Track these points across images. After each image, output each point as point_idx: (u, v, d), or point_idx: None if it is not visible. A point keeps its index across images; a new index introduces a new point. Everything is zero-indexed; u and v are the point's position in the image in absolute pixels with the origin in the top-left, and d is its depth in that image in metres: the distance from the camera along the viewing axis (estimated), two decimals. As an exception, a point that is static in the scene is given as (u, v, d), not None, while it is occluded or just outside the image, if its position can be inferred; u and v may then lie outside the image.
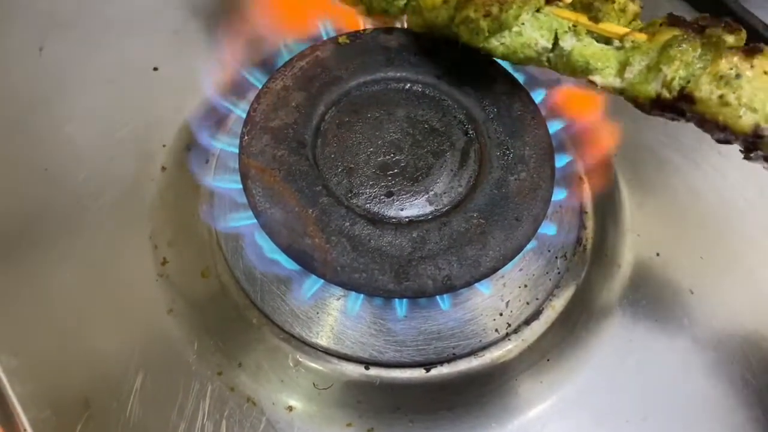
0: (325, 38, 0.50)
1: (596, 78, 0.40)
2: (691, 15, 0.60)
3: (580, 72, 0.41)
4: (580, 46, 0.41)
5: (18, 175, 0.51)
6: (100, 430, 0.42)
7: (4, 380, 0.44)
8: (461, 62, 0.47)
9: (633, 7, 0.41)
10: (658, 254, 0.49)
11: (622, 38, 0.40)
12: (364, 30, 0.48)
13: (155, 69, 0.56)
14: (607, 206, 0.50)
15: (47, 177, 0.51)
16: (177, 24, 0.58)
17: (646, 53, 0.38)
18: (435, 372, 0.44)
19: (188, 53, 0.56)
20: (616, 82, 0.39)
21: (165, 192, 0.50)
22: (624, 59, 0.39)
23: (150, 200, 0.50)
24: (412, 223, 0.41)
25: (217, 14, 0.58)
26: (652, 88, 0.37)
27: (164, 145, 0.52)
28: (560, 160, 0.46)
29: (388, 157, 0.44)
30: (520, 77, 0.48)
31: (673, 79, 0.37)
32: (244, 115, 0.45)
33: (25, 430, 0.42)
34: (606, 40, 0.41)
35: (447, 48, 0.48)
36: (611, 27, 0.40)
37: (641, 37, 0.39)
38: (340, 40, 0.48)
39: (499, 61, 0.46)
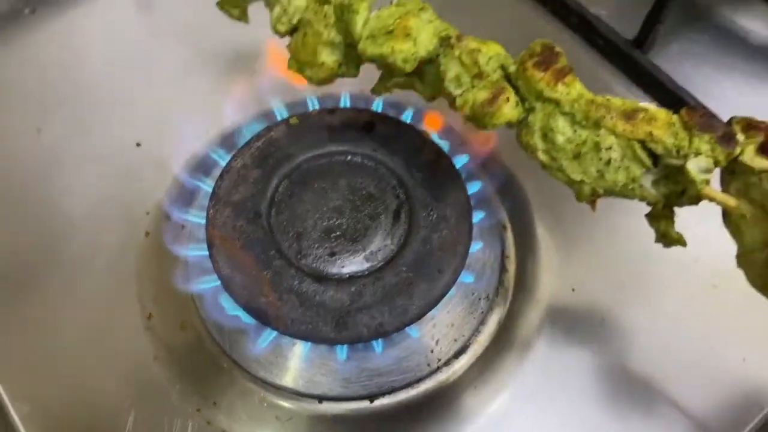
0: (278, 118, 0.58)
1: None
2: (611, 71, 0.69)
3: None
4: None
5: (20, 245, 0.59)
6: (99, 464, 0.51)
7: (19, 425, 0.52)
8: (394, 135, 0.55)
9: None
10: (573, 289, 0.57)
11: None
12: (312, 111, 0.57)
13: (138, 144, 0.64)
14: (527, 248, 0.58)
15: (46, 246, 0.59)
16: (156, 102, 0.66)
17: None
18: (378, 403, 0.51)
19: (167, 129, 0.64)
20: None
21: (148, 255, 0.58)
22: None
23: (136, 263, 0.58)
24: (352, 278, 0.49)
25: (192, 94, 0.67)
26: None
27: (147, 213, 0.60)
28: (477, 216, 0.54)
29: (331, 221, 0.52)
30: (445, 145, 0.56)
31: None
32: (208, 189, 0.53)
33: (36, 466, 0.51)
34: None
35: (382, 125, 0.56)
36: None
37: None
38: (291, 121, 0.56)
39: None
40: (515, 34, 0.72)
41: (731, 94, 0.68)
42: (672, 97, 0.66)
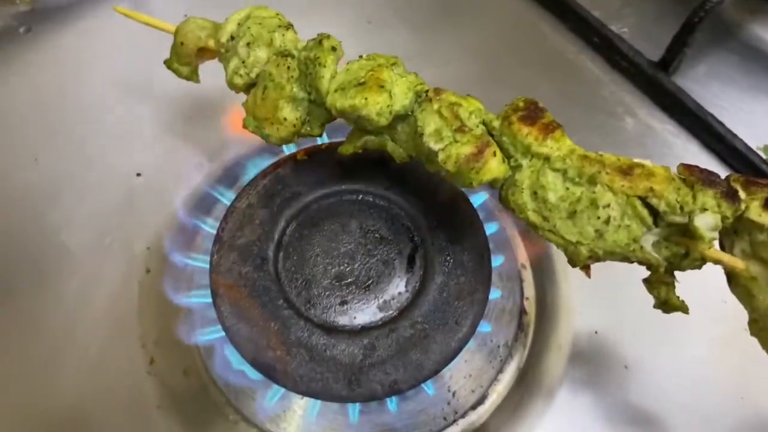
0: (285, 152, 0.55)
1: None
2: (633, 93, 0.66)
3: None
4: None
5: (17, 280, 0.57)
6: None
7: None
8: (407, 172, 0.52)
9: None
10: (596, 332, 0.54)
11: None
12: (321, 145, 0.54)
13: (138, 175, 0.61)
14: (547, 291, 0.55)
15: (45, 281, 0.57)
16: (157, 131, 0.63)
17: None
18: (391, 457, 0.49)
19: (168, 159, 0.62)
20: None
21: (150, 293, 0.56)
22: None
23: (137, 301, 0.56)
24: (364, 330, 0.47)
25: (194, 122, 0.64)
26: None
27: (148, 248, 0.58)
28: (497, 260, 0.51)
29: (342, 267, 0.49)
30: (461, 182, 0.53)
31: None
32: (211, 231, 0.50)
33: None
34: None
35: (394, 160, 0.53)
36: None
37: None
38: (299, 156, 0.53)
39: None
40: (534, 52, 0.70)
41: (760, 118, 0.65)
42: (698, 123, 0.63)
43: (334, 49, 0.45)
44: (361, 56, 0.46)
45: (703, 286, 0.44)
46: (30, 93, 0.66)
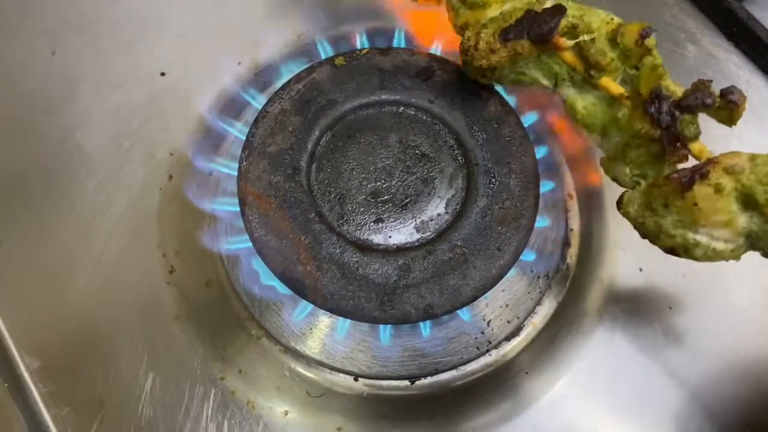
0: (322, 56, 0.51)
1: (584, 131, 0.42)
2: (696, 19, 0.61)
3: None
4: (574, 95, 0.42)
5: (32, 180, 0.54)
6: (114, 429, 0.47)
7: (28, 379, 0.48)
8: (454, 85, 0.48)
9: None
10: (641, 269, 0.51)
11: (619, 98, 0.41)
12: (360, 51, 0.50)
13: (162, 74, 0.57)
14: (593, 224, 0.52)
15: (60, 184, 0.54)
16: (183, 28, 0.59)
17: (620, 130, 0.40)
18: (419, 384, 0.47)
19: (194, 58, 0.58)
20: (596, 140, 0.41)
21: (171, 201, 0.53)
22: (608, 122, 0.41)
23: (158, 208, 0.53)
24: (399, 250, 0.44)
25: (222, 18, 0.59)
26: (619, 170, 0.39)
27: (171, 154, 0.54)
28: (545, 186, 0.47)
29: (379, 183, 0.46)
30: (512, 100, 0.49)
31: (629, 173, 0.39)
32: (240, 136, 0.47)
33: (47, 426, 0.47)
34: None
35: (441, 71, 0.49)
36: (610, 84, 0.41)
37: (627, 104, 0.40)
38: (337, 61, 0.49)
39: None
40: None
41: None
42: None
43: None
44: None
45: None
46: (48, -20, 0.62)
